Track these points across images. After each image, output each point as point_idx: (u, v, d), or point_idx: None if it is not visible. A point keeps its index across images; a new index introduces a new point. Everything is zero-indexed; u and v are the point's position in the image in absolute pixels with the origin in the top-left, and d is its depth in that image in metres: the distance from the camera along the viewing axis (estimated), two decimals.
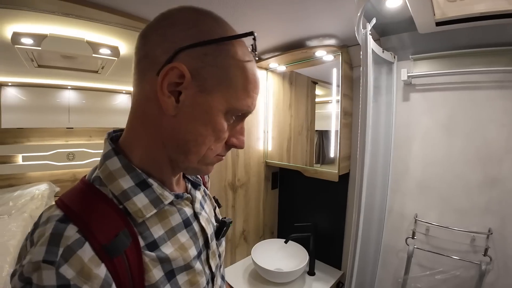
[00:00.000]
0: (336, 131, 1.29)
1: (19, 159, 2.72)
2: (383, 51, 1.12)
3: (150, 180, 0.42)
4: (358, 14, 0.85)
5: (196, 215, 0.50)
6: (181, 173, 0.52)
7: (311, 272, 1.45)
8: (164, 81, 0.37)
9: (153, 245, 0.40)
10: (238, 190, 1.58)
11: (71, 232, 0.34)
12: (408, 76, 1.15)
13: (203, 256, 0.50)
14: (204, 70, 0.38)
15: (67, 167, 2.80)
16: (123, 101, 3.09)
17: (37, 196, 2.35)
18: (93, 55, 1.59)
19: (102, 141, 0.44)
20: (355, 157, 1.33)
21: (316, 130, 1.49)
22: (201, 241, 0.50)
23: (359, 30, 0.94)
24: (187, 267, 0.44)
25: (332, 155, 1.34)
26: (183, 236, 0.46)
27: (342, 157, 1.28)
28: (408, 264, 1.19)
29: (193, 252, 0.46)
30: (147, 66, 0.40)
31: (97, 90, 2.93)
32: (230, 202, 1.54)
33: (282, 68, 1.56)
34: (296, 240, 1.48)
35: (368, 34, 0.94)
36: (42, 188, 2.60)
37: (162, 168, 0.44)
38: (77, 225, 0.35)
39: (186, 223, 0.47)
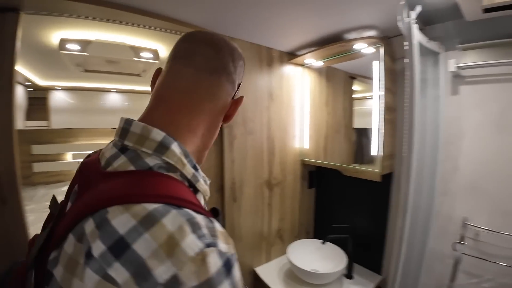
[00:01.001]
0: (378, 128, 1.24)
1: (67, 157, 2.98)
2: (428, 41, 1.06)
3: (196, 164, 0.46)
4: (401, 3, 0.81)
5: None
6: None
7: (349, 276, 1.42)
8: (238, 106, 0.54)
9: None
10: (274, 188, 1.59)
11: (199, 216, 0.34)
12: (457, 67, 1.08)
13: None
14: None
15: None
16: None
17: None
18: (134, 58, 1.69)
19: None
20: (399, 156, 1.29)
21: (354, 128, 1.45)
22: None
23: (402, 19, 0.90)
24: None
25: (373, 153, 1.29)
26: None
27: (385, 156, 1.23)
28: (454, 270, 1.12)
29: None
30: (225, 79, 0.50)
31: (140, 93, 3.12)
32: (266, 200, 1.56)
33: (319, 63, 1.54)
34: (333, 241, 1.46)
35: (412, 23, 0.90)
36: None
37: (198, 163, 0.48)
38: (192, 209, 0.35)
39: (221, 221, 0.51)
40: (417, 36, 0.95)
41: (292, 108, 1.65)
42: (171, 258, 0.29)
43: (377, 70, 1.22)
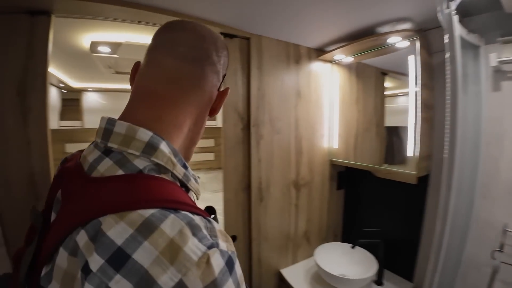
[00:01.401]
0: (414, 127, 1.17)
1: None
2: (467, 34, 0.99)
3: (186, 163, 0.45)
4: None
5: None
6: None
7: (379, 282, 1.36)
8: (224, 98, 0.53)
9: None
10: (301, 189, 1.56)
11: (196, 218, 0.33)
12: (498, 62, 1.00)
13: None
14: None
15: None
16: None
17: None
18: None
19: None
20: (437, 157, 1.21)
21: (385, 127, 1.38)
22: None
23: (442, 10, 0.84)
24: None
25: (408, 154, 1.22)
26: None
27: (421, 157, 1.16)
28: (491, 280, 1.04)
29: None
30: (210, 69, 0.48)
31: None
32: (293, 201, 1.53)
33: (348, 59, 1.49)
34: (363, 246, 1.40)
35: (453, 14, 0.84)
36: None
37: (186, 160, 0.48)
38: (188, 210, 0.34)
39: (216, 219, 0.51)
40: (458, 28, 0.89)
41: (321, 107, 1.61)
42: (174, 264, 0.28)
43: (413, 64, 1.15)
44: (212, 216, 0.40)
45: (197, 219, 0.33)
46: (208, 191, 3.09)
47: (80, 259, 0.30)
